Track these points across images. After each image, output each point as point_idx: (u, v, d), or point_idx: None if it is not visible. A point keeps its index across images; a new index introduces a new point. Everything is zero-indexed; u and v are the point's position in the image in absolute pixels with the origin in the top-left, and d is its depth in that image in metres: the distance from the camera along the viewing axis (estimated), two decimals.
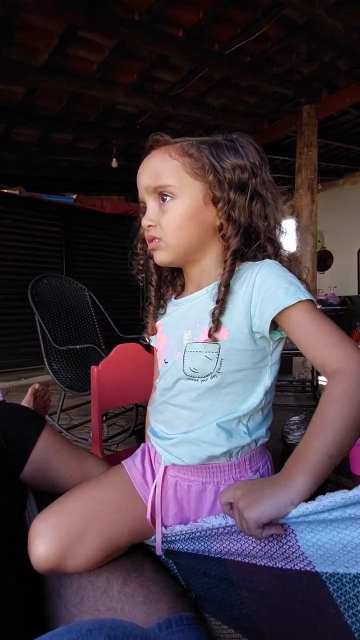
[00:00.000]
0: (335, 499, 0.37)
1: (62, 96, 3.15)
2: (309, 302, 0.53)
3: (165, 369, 0.63)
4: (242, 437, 0.58)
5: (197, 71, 2.90)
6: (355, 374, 0.49)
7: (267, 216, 0.60)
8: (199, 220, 0.59)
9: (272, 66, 2.97)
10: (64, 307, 2.57)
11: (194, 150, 0.59)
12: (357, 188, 6.01)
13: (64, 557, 0.57)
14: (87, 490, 0.64)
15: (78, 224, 4.67)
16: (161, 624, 0.52)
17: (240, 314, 0.56)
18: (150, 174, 0.60)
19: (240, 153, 0.60)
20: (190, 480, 0.60)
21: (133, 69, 2.87)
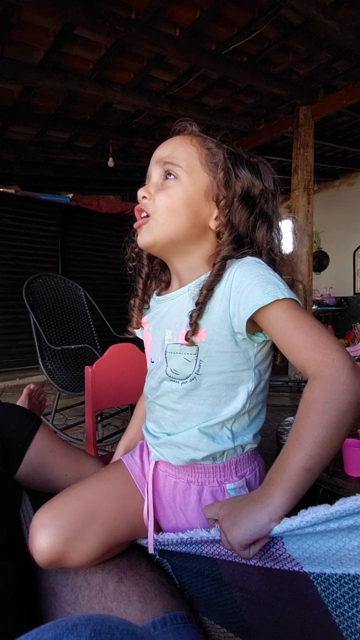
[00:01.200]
0: (318, 515, 0.36)
1: (58, 95, 3.13)
2: (287, 301, 0.50)
3: (151, 368, 0.63)
4: (225, 442, 0.56)
5: (194, 71, 2.90)
6: (333, 379, 0.45)
7: (272, 239, 0.60)
8: (193, 211, 0.58)
9: (269, 66, 2.98)
10: (59, 307, 2.56)
11: (214, 146, 0.60)
12: (353, 189, 6.04)
13: (66, 550, 0.56)
14: (89, 484, 0.64)
15: (74, 224, 4.65)
16: (156, 622, 0.52)
17: (218, 315, 0.54)
18: (167, 148, 0.61)
19: (258, 173, 0.61)
20: (177, 477, 0.60)
21: (130, 68, 2.86)
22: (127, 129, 3.75)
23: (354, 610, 0.36)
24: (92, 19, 2.17)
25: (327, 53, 2.87)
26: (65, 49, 2.56)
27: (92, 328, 2.69)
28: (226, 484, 0.58)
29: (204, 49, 2.65)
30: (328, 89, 3.35)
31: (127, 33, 2.30)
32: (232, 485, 0.58)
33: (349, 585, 0.36)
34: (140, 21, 2.32)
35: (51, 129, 3.55)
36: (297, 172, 3.47)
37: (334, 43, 2.68)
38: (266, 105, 3.60)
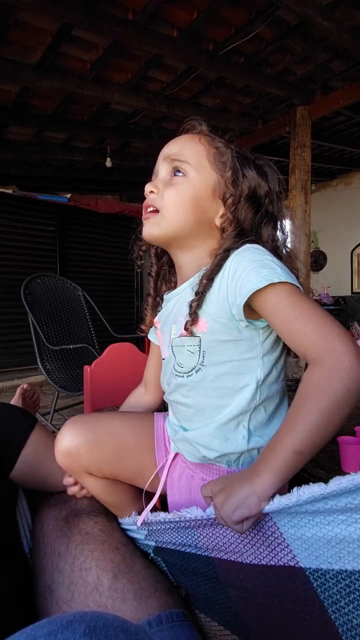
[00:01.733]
0: (314, 493, 0.36)
1: (56, 95, 3.13)
2: (285, 286, 0.49)
3: (164, 365, 0.65)
4: (239, 443, 0.55)
5: (192, 71, 2.90)
6: (334, 365, 0.44)
7: (276, 239, 0.61)
8: (199, 207, 0.59)
9: (266, 67, 2.98)
10: (57, 307, 2.56)
11: (222, 145, 0.61)
12: (350, 189, 6.05)
13: (83, 446, 0.62)
14: (118, 416, 0.70)
15: (72, 224, 4.65)
16: (151, 620, 0.52)
17: (217, 304, 0.54)
18: (176, 145, 0.62)
19: (263, 174, 0.62)
20: (194, 472, 0.61)
21: (127, 68, 2.86)
22: (124, 129, 3.76)
23: (351, 606, 0.36)
24: (90, 19, 2.17)
25: (324, 53, 2.88)
26: (63, 50, 2.56)
27: (91, 328, 2.69)
28: None
29: (201, 50, 2.65)
30: (325, 90, 3.36)
31: (124, 33, 2.30)
32: None
33: (345, 582, 0.36)
34: (137, 22, 2.32)
35: (49, 129, 3.55)
36: (294, 172, 3.48)
37: (331, 44, 2.69)
38: (263, 105, 3.61)
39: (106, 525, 0.68)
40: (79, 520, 0.68)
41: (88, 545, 0.63)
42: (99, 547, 0.62)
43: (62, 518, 0.69)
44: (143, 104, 3.15)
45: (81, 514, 0.70)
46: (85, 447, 0.62)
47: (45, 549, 0.66)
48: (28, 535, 0.74)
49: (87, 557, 0.61)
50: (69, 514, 0.70)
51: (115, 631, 0.29)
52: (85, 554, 0.62)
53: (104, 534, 0.66)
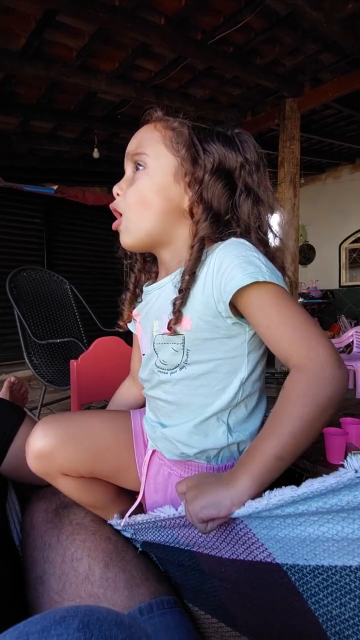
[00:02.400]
0: (284, 496, 0.36)
1: (41, 83, 3.06)
2: (270, 287, 0.48)
3: (144, 360, 0.63)
4: (219, 439, 0.55)
5: (180, 61, 2.86)
6: (316, 373, 0.44)
7: (260, 215, 0.58)
8: (164, 197, 0.56)
9: (256, 57, 2.96)
10: (44, 301, 2.53)
11: (178, 125, 0.58)
12: (339, 183, 6.09)
13: (57, 448, 0.59)
14: (94, 413, 0.67)
15: (59, 216, 4.58)
16: (142, 608, 0.52)
17: (201, 301, 0.52)
18: (134, 140, 0.60)
19: (235, 145, 0.58)
20: (171, 469, 0.60)
21: (114, 57, 2.81)
22: (112, 119, 3.69)
23: (329, 598, 0.37)
24: (75, 5, 2.11)
25: (313, 45, 2.86)
26: (48, 36, 2.49)
27: (79, 322, 2.67)
28: None
29: (189, 38, 2.61)
30: (314, 82, 3.36)
31: (110, 20, 2.25)
32: None
33: (322, 576, 0.37)
34: (124, 8, 2.27)
35: (34, 118, 3.47)
36: (283, 165, 3.48)
37: (320, 35, 2.68)
38: (253, 96, 3.59)
39: (97, 515, 0.68)
40: (69, 512, 0.68)
41: (79, 535, 0.63)
42: (91, 537, 0.62)
43: (52, 510, 0.69)
44: (131, 93, 3.10)
45: (71, 505, 0.69)
46: (59, 447, 0.59)
47: (35, 541, 0.66)
48: (18, 528, 0.74)
49: (79, 548, 0.61)
50: (59, 506, 0.70)
51: (109, 625, 0.29)
52: (76, 544, 0.61)
53: (95, 524, 0.65)
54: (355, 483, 0.31)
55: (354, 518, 0.32)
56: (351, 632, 0.36)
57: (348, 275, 6.20)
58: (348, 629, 0.36)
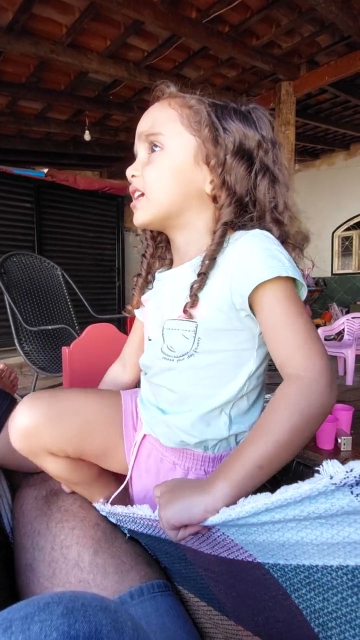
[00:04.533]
0: (258, 505, 0.34)
1: (29, 61, 2.95)
2: (288, 284, 0.48)
3: (148, 346, 0.61)
4: (220, 430, 0.54)
5: (174, 40, 2.78)
6: (310, 384, 0.44)
7: (276, 195, 0.56)
8: (184, 179, 0.54)
9: (251, 38, 2.89)
10: (35, 287, 2.49)
11: (195, 102, 0.55)
12: (333, 169, 6.05)
13: (43, 424, 0.56)
14: (83, 392, 0.65)
15: (50, 200, 4.49)
16: (133, 592, 0.53)
17: (220, 290, 0.51)
18: (146, 121, 0.57)
19: (251, 122, 0.55)
20: (164, 455, 0.59)
21: (106, 34, 2.71)
22: (103, 100, 3.59)
23: (312, 593, 0.37)
24: None
25: (310, 26, 2.80)
26: (36, 10, 2.39)
27: (70, 308, 2.64)
28: None
29: (184, 17, 2.53)
30: (310, 64, 3.29)
31: None
32: None
33: (304, 574, 0.37)
34: None
35: (22, 98, 3.36)
36: None
37: (317, 16, 2.61)
38: (248, 79, 3.51)
39: (85, 500, 0.68)
40: (58, 499, 0.68)
41: (68, 522, 0.63)
42: (79, 524, 0.62)
43: (42, 497, 0.69)
44: (123, 73, 3.01)
45: (60, 492, 0.70)
46: (45, 423, 0.57)
47: (25, 527, 0.66)
48: (9, 514, 0.74)
49: (68, 535, 0.61)
50: (49, 493, 0.70)
51: (94, 610, 0.29)
52: (65, 532, 0.62)
53: (83, 510, 0.65)
54: (331, 490, 0.29)
55: (332, 524, 0.31)
56: (335, 624, 0.36)
57: (340, 263, 6.22)
58: (332, 621, 0.37)
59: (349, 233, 6.06)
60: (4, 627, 0.27)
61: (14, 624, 0.27)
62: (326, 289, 6.22)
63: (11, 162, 4.18)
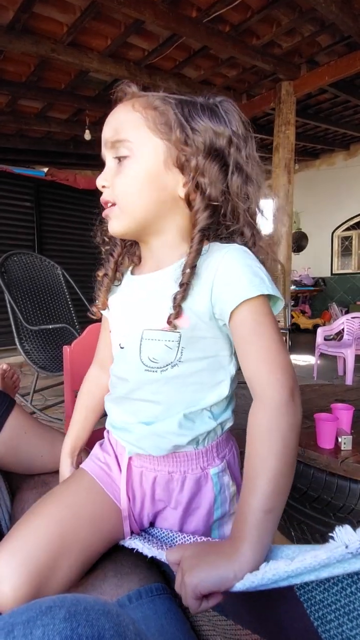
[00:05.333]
0: (279, 572, 0.35)
1: (30, 60, 2.95)
2: (265, 298, 0.49)
3: (121, 355, 0.58)
4: (207, 422, 0.55)
5: (174, 39, 2.78)
6: (273, 401, 0.45)
7: (249, 196, 0.54)
8: (156, 186, 0.51)
9: (252, 38, 2.89)
10: (35, 286, 2.49)
11: (160, 102, 0.51)
12: (333, 169, 6.05)
13: (37, 593, 0.49)
14: (50, 511, 0.55)
15: (50, 199, 4.49)
16: (131, 595, 0.52)
17: (202, 300, 0.50)
18: (110, 126, 0.53)
19: (220, 117, 0.52)
20: (156, 470, 0.57)
21: (106, 34, 2.71)
22: (104, 99, 3.60)
23: (313, 583, 0.37)
24: None
25: (310, 26, 2.80)
26: (37, 9, 2.39)
27: (71, 307, 2.65)
28: (209, 469, 0.56)
29: (184, 16, 2.53)
30: (311, 64, 3.29)
31: None
32: (215, 470, 0.57)
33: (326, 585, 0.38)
34: None
35: (23, 97, 3.36)
36: (278, 150, 3.44)
37: (318, 16, 2.62)
38: (248, 79, 3.51)
39: None
40: None
41: None
42: None
43: None
44: (123, 72, 3.01)
45: None
46: (41, 592, 0.49)
47: None
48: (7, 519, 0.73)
49: None
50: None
51: (96, 614, 0.29)
52: None
53: None
54: (348, 558, 0.32)
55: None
56: (333, 617, 0.37)
57: (340, 263, 6.22)
58: (330, 614, 0.37)
59: (349, 233, 6.06)
60: (6, 630, 0.27)
61: (16, 627, 0.27)
62: (326, 289, 6.22)
63: (11, 161, 4.18)
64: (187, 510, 0.57)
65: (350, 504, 1.05)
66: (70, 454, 0.69)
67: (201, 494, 0.57)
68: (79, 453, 0.70)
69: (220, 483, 0.57)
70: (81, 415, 0.71)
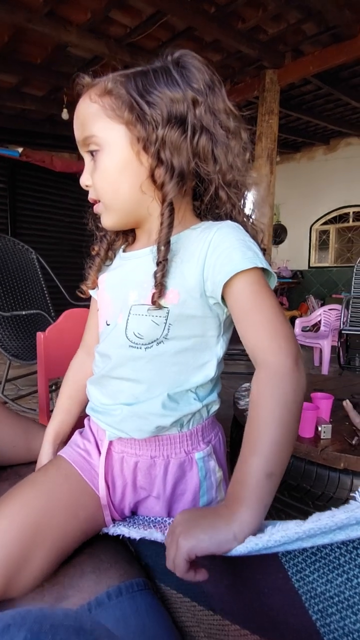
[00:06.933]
0: (289, 534, 0.32)
1: (3, 29, 2.78)
2: (258, 273, 0.47)
3: (107, 332, 0.56)
4: (192, 404, 0.53)
5: (158, 17, 2.68)
6: (278, 368, 0.44)
7: (217, 157, 0.50)
8: (131, 172, 0.50)
9: (238, 21, 2.82)
10: (8, 271, 2.38)
11: (112, 84, 0.48)
12: (313, 163, 6.10)
13: (8, 585, 0.47)
14: (23, 497, 0.52)
15: (24, 181, 4.30)
16: (110, 592, 0.50)
17: (193, 275, 0.49)
18: (77, 125, 0.52)
19: (176, 79, 0.49)
20: (138, 455, 0.54)
21: (87, 6, 2.58)
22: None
23: (315, 574, 0.35)
24: None
25: (297, 13, 2.76)
26: None
27: (46, 294, 2.55)
28: (194, 453, 0.55)
29: None
30: (295, 54, 3.27)
31: None
32: (200, 454, 0.55)
33: (310, 551, 0.35)
34: None
35: None
36: (261, 140, 3.41)
37: (305, 3, 2.58)
38: (232, 64, 3.46)
39: None
40: None
41: None
42: None
43: None
44: (103, 49, 2.89)
45: None
46: (12, 582, 0.47)
47: None
48: None
49: None
50: None
51: (66, 633, 0.24)
52: None
53: None
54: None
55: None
56: (335, 610, 0.35)
57: (317, 257, 6.33)
58: (332, 607, 0.35)
59: (327, 227, 6.16)
60: None
61: None
62: (303, 281, 6.32)
63: None
64: (171, 497, 0.55)
65: (329, 492, 1.06)
66: (53, 442, 0.66)
67: (185, 479, 0.55)
68: (61, 442, 0.67)
69: (206, 468, 0.55)
70: (65, 401, 0.69)
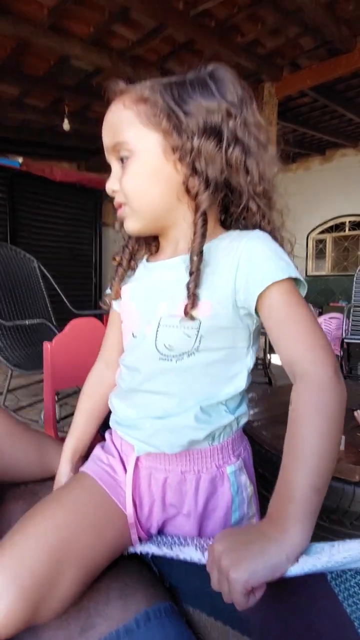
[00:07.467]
0: (352, 554, 0.30)
1: (7, 42, 2.80)
2: (291, 284, 0.47)
3: (134, 344, 0.55)
4: (224, 416, 0.52)
5: (160, 30, 2.72)
6: (320, 379, 0.44)
7: (249, 168, 0.51)
8: (162, 179, 0.50)
9: (237, 35, 2.88)
10: (9, 280, 2.36)
11: (149, 93, 0.49)
12: (309, 174, 6.17)
13: (36, 611, 0.43)
14: (48, 516, 0.49)
15: (25, 191, 4.30)
16: (139, 618, 0.47)
17: (224, 287, 0.49)
18: (107, 131, 0.52)
19: (212, 90, 0.50)
20: (167, 471, 0.53)
21: (90, 20, 2.62)
22: (85, 89, 3.48)
23: (348, 574, 0.33)
24: None
25: (295, 27, 2.82)
26: None
27: (47, 303, 2.53)
28: (226, 467, 0.53)
29: (171, 7, 2.48)
30: (293, 67, 3.32)
31: None
32: (232, 468, 0.54)
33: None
34: None
35: None
36: None
37: (302, 18, 2.63)
38: None
39: None
40: None
41: None
42: None
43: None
44: (106, 62, 2.92)
45: None
46: (39, 607, 0.44)
47: None
48: None
49: None
50: None
51: None
52: None
53: None
54: None
55: None
56: None
57: (314, 265, 6.37)
58: None
59: (323, 236, 6.21)
60: None
61: None
62: None
63: None
64: (202, 514, 0.53)
65: (343, 506, 1.04)
66: (71, 460, 0.64)
67: (217, 495, 0.53)
68: (79, 459, 0.65)
69: (238, 483, 0.54)
70: (83, 416, 0.67)
